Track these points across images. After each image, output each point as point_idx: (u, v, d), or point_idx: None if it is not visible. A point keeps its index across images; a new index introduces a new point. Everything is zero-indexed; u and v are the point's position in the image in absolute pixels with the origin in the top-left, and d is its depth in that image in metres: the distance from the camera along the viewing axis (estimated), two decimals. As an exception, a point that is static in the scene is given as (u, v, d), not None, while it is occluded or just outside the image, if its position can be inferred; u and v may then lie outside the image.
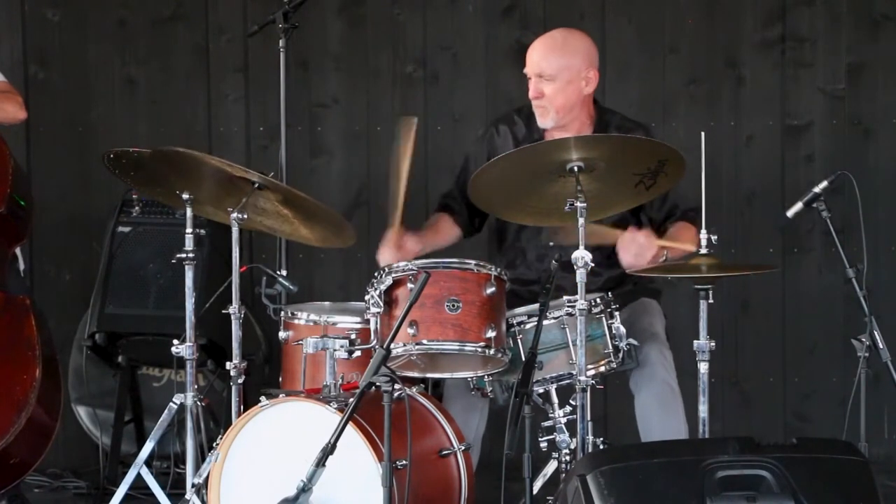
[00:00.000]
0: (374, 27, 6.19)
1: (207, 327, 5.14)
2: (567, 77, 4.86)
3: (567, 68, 4.85)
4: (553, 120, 4.89)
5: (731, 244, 6.07)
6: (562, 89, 4.86)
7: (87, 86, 6.21)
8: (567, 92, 4.87)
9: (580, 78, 4.87)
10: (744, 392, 6.20)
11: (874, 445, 4.79)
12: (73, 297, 6.04)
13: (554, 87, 4.86)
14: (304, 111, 6.17)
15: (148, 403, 5.83)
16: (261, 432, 4.29)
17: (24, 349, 4.85)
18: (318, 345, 4.40)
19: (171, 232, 5.45)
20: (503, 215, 4.84)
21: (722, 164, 6.09)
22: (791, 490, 3.76)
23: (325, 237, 4.90)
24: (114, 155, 4.92)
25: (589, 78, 4.89)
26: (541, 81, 4.87)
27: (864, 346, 4.60)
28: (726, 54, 6.16)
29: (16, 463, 4.82)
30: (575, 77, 4.86)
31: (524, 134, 5.00)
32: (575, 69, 4.86)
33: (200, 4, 6.19)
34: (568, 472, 4.29)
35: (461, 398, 4.72)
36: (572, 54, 4.87)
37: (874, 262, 5.54)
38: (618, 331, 4.58)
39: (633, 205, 4.71)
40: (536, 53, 4.89)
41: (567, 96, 4.87)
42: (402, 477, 4.07)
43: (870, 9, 6.12)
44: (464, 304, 4.37)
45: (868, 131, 6.13)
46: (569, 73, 4.86)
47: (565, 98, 4.87)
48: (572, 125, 4.92)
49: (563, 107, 4.87)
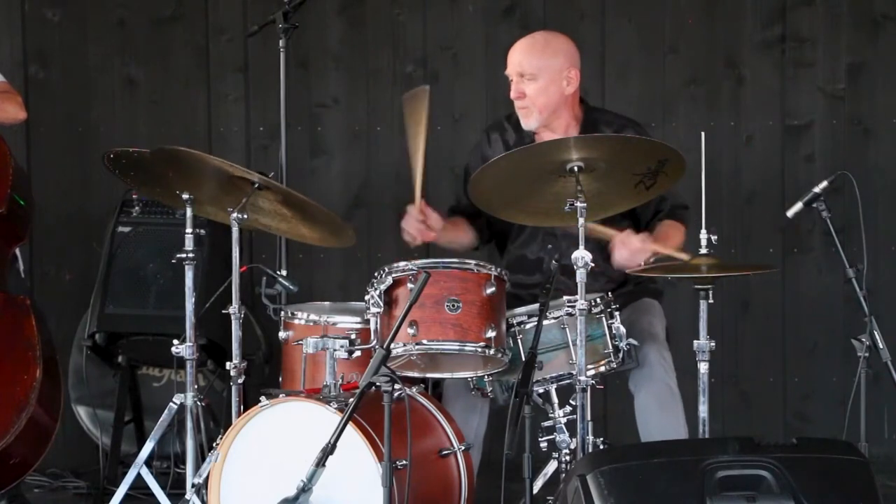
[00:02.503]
0: (374, 27, 6.19)
1: (207, 327, 5.14)
2: (548, 76, 4.87)
3: (548, 68, 4.87)
4: (537, 120, 4.90)
5: (731, 244, 6.07)
6: (543, 89, 4.87)
7: (87, 86, 6.21)
8: (549, 92, 4.87)
9: (562, 77, 4.88)
10: (744, 392, 6.20)
11: (874, 445, 4.78)
12: (73, 297, 6.04)
13: (535, 86, 4.86)
14: (304, 111, 6.17)
15: (148, 403, 5.83)
16: (261, 432, 4.29)
17: (25, 349, 4.85)
18: (318, 345, 4.40)
19: (171, 232, 5.45)
20: (503, 215, 4.83)
21: (722, 164, 6.09)
22: (791, 490, 3.76)
23: (324, 237, 4.90)
24: (114, 155, 4.92)
25: (570, 77, 4.89)
26: (522, 81, 4.88)
27: (864, 346, 4.60)
28: (726, 54, 6.15)
29: (16, 463, 4.82)
30: (556, 76, 4.87)
31: (515, 139, 5.01)
32: (556, 69, 4.87)
33: (200, 4, 6.19)
34: (568, 472, 4.29)
35: (461, 398, 4.72)
36: (553, 54, 4.89)
37: (874, 262, 5.54)
38: (618, 331, 4.58)
39: (634, 205, 4.71)
40: (517, 54, 4.91)
41: (549, 96, 4.88)
42: (402, 477, 4.07)
43: (870, 9, 6.12)
44: (464, 304, 4.37)
45: (868, 131, 6.13)
46: (550, 72, 4.87)
47: (547, 98, 4.88)
48: (558, 125, 4.93)
49: (546, 107, 4.88)
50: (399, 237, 4.85)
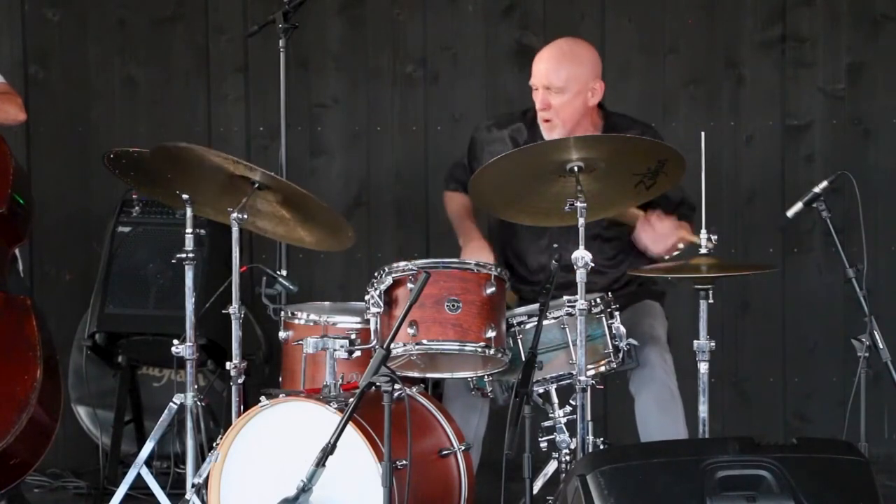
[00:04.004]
0: (374, 27, 6.19)
1: (207, 327, 5.14)
2: (575, 88, 4.83)
3: (575, 79, 4.83)
4: (560, 134, 4.85)
5: (731, 244, 6.07)
6: (570, 101, 4.84)
7: (87, 86, 6.21)
8: (575, 104, 4.85)
9: (587, 89, 4.86)
10: (744, 392, 6.20)
11: (874, 445, 4.78)
12: (73, 297, 6.04)
13: (562, 98, 4.83)
14: (304, 111, 6.17)
15: (148, 403, 5.83)
16: (261, 432, 4.29)
17: (25, 349, 4.85)
18: (318, 345, 4.40)
19: (171, 232, 5.45)
20: (503, 215, 4.83)
21: (722, 164, 6.09)
22: (791, 490, 3.76)
23: (322, 240, 4.89)
24: (114, 155, 4.92)
25: (594, 89, 4.87)
26: (549, 93, 4.84)
27: (864, 346, 4.60)
28: (726, 54, 6.15)
29: (16, 463, 4.82)
30: (582, 88, 4.85)
31: (526, 140, 4.98)
32: (583, 80, 4.84)
33: (200, 4, 6.19)
34: (568, 472, 4.29)
35: (461, 398, 4.72)
36: (579, 64, 4.86)
37: (874, 262, 5.54)
38: (618, 331, 4.58)
39: (633, 205, 4.71)
40: (544, 64, 4.86)
41: (574, 108, 4.85)
42: (402, 477, 4.07)
43: (870, 9, 6.11)
44: (464, 304, 4.37)
45: (868, 131, 6.13)
46: (577, 83, 4.83)
47: (573, 110, 4.85)
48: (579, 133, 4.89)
49: (570, 118, 4.85)
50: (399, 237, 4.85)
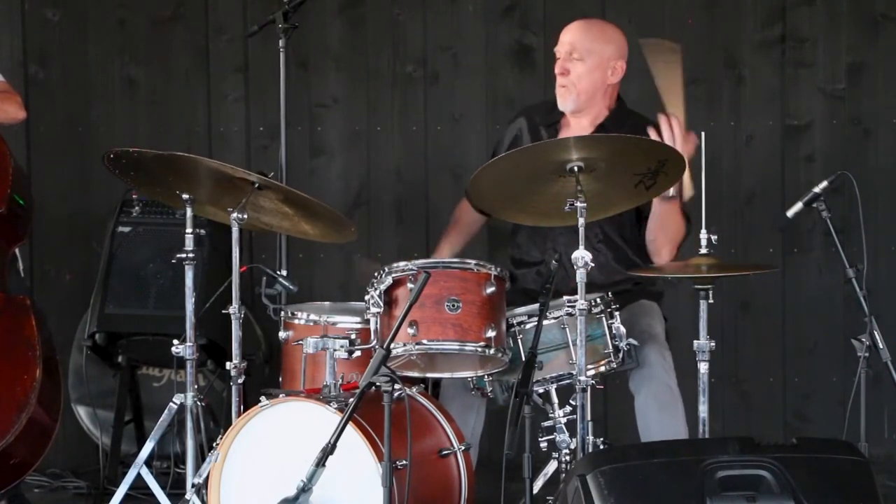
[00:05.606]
0: (374, 27, 6.19)
1: (207, 327, 5.14)
2: (596, 61, 4.92)
3: (598, 52, 4.92)
4: (573, 102, 4.93)
5: (731, 244, 6.07)
6: (588, 72, 4.92)
7: (87, 86, 6.21)
8: (593, 76, 4.92)
9: (608, 66, 4.93)
10: (744, 392, 6.20)
11: (874, 445, 4.78)
12: (73, 297, 6.04)
13: (582, 67, 4.91)
14: (304, 111, 6.17)
15: (148, 403, 5.83)
16: (261, 432, 4.29)
17: (25, 349, 4.85)
18: (318, 345, 4.40)
19: (171, 232, 5.45)
20: (503, 215, 4.84)
21: (722, 164, 6.09)
22: (791, 490, 3.76)
23: (326, 232, 4.90)
24: (114, 155, 4.91)
25: (615, 68, 4.94)
26: (569, 60, 4.92)
27: (864, 346, 4.60)
28: (726, 54, 6.15)
29: (16, 463, 4.82)
30: (603, 63, 4.93)
31: (541, 117, 5.05)
32: (605, 56, 4.93)
33: (200, 4, 6.19)
34: (568, 472, 4.29)
35: (458, 397, 4.72)
36: (606, 41, 4.95)
37: (874, 262, 5.54)
38: (618, 331, 4.57)
39: (634, 205, 4.71)
40: (571, 33, 4.96)
41: (593, 80, 4.92)
42: (402, 477, 4.07)
43: (870, 9, 6.11)
44: (464, 304, 4.37)
45: (868, 131, 6.13)
46: (598, 57, 4.92)
47: (590, 82, 4.92)
48: (590, 111, 4.96)
49: (587, 90, 4.93)
50: (399, 237, 4.85)
